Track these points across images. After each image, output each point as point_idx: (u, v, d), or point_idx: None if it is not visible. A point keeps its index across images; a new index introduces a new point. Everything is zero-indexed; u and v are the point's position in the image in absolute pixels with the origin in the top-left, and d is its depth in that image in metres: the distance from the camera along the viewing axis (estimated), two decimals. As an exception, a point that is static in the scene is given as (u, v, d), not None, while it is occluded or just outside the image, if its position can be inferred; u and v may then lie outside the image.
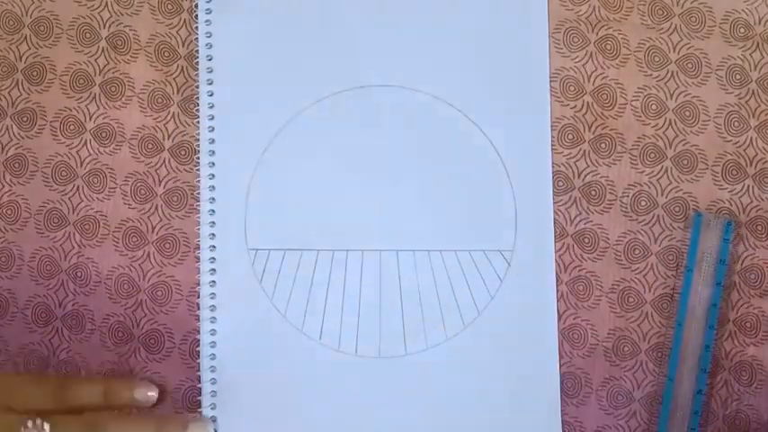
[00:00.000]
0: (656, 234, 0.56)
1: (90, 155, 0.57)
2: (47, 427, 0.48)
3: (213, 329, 0.56)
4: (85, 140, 0.57)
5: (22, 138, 0.58)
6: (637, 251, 0.56)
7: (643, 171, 0.57)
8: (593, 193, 0.57)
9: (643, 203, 0.56)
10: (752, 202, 0.56)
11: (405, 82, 0.57)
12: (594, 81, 0.57)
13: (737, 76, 0.57)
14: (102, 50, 0.58)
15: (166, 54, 0.58)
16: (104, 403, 0.52)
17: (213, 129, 0.57)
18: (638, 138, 0.57)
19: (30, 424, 0.48)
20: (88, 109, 0.58)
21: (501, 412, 0.55)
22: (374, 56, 0.57)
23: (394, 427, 0.56)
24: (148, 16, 0.58)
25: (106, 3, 0.58)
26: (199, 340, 0.56)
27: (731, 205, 0.56)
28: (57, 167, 0.57)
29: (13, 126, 0.58)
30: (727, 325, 0.56)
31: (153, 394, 0.53)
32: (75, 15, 0.58)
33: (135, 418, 0.54)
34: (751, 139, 0.56)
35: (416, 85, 0.57)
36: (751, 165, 0.56)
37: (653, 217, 0.56)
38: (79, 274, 0.57)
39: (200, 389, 0.56)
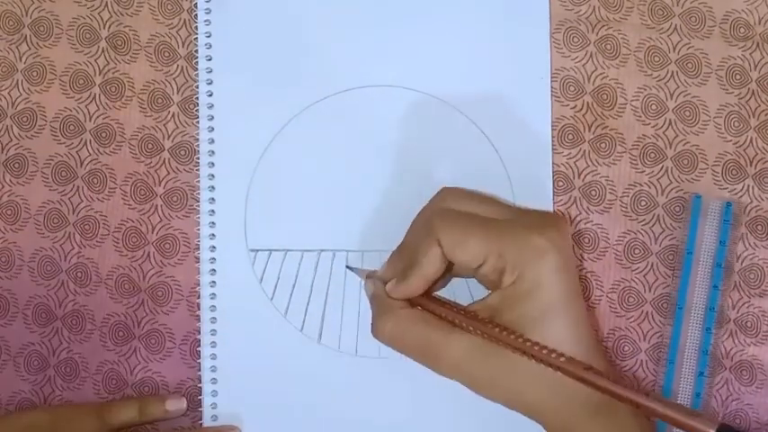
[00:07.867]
0: (656, 234, 0.56)
1: (90, 155, 0.57)
2: None
3: (213, 329, 0.56)
4: (85, 141, 0.57)
5: (22, 138, 0.58)
6: (637, 251, 0.56)
7: (643, 171, 0.57)
8: (593, 193, 0.57)
9: (643, 203, 0.56)
10: (752, 202, 0.56)
11: (405, 82, 0.57)
12: (594, 81, 0.57)
13: (737, 76, 0.57)
14: (102, 51, 0.58)
15: (166, 54, 0.58)
16: (140, 419, 0.55)
17: (213, 129, 0.57)
18: (638, 138, 0.57)
19: None
20: (88, 109, 0.58)
21: (501, 412, 0.55)
22: (374, 56, 0.57)
23: (394, 427, 0.56)
24: (148, 16, 0.58)
25: (106, 3, 0.58)
26: (199, 340, 0.56)
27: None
28: (57, 167, 0.57)
29: (13, 126, 0.58)
30: (728, 325, 0.56)
31: (183, 405, 0.56)
32: (75, 15, 0.58)
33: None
34: (751, 139, 0.56)
35: (417, 86, 0.57)
36: (751, 165, 0.56)
37: (653, 217, 0.56)
38: (79, 274, 0.57)
39: (201, 389, 0.56)
